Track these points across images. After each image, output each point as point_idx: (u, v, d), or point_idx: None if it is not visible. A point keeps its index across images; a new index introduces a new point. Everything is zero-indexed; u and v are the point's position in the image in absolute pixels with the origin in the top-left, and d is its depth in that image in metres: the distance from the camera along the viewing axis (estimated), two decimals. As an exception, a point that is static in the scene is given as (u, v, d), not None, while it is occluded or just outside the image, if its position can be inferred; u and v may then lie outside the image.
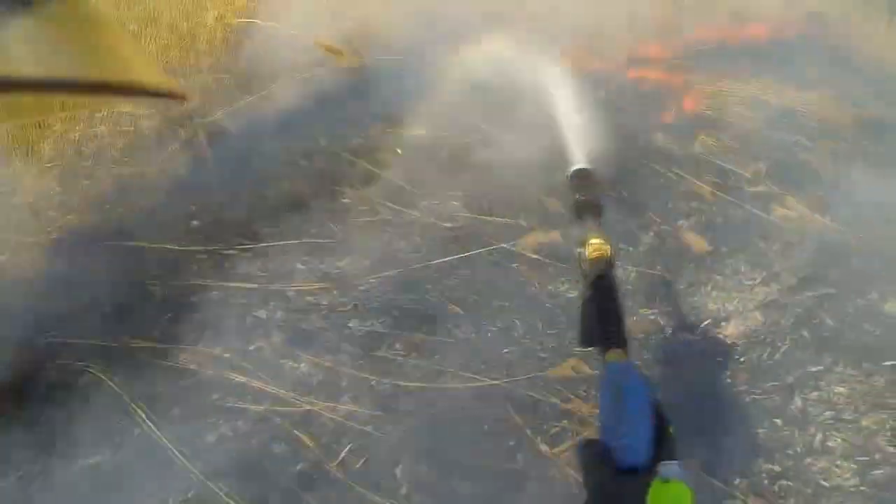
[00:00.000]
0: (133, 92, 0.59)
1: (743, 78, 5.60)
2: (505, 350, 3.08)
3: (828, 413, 3.05)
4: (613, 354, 1.32)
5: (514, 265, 3.45)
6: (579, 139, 1.79)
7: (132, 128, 4.25)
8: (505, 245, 3.54)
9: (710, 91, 5.30)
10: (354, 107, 4.41)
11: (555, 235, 3.60)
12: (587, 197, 1.64)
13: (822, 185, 4.58)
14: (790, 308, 3.47)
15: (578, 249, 1.57)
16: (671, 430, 1.19)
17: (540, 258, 3.49)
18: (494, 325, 3.17)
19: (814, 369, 3.19)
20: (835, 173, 4.73)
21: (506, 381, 2.94)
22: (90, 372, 2.98)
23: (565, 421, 2.82)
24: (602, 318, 1.38)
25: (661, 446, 1.15)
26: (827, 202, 4.43)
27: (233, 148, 4.11)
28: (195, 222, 3.70)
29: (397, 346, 3.11)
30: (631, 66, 5.29)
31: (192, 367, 3.04)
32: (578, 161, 1.73)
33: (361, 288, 3.33)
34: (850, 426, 3.01)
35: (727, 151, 4.65)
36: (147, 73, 0.59)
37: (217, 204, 3.77)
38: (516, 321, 3.18)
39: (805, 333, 3.35)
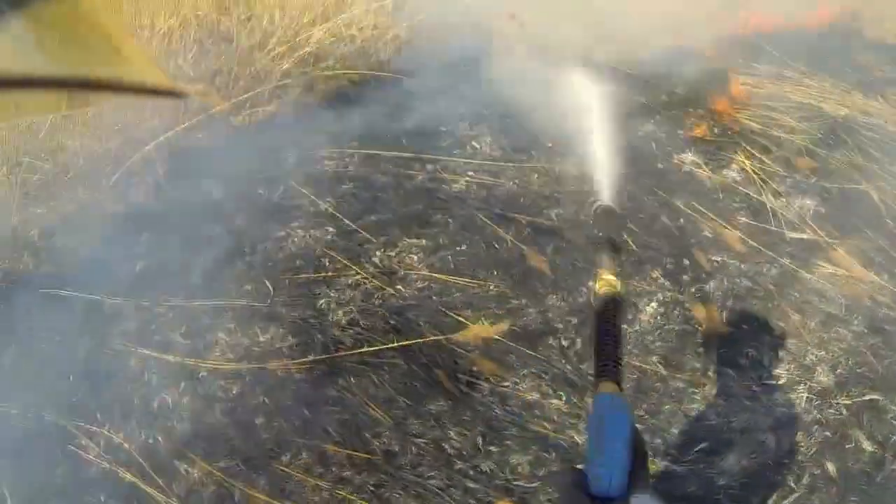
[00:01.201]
0: (133, 89, 0.59)
1: (795, 78, 4.81)
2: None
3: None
4: (605, 386, 1.35)
5: (468, 353, 2.79)
6: (609, 176, 1.76)
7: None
8: (454, 336, 2.86)
9: (755, 93, 4.51)
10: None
11: (526, 306, 2.93)
12: (607, 234, 1.64)
13: (882, 229, 3.81)
14: (819, 426, 2.76)
15: (591, 283, 1.68)
16: (648, 461, 1.25)
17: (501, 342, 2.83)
18: (423, 438, 2.52)
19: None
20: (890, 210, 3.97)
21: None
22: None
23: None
24: (600, 349, 1.41)
25: (637, 477, 1.18)
26: (885, 252, 3.68)
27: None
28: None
29: (302, 455, 2.50)
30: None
31: (92, 456, 2.50)
32: (605, 198, 1.73)
33: (278, 374, 2.72)
34: None
35: (770, 177, 3.89)
36: (146, 70, 0.60)
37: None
38: (451, 430, 2.53)
39: (829, 467, 2.65)
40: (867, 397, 2.90)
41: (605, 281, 1.54)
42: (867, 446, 2.75)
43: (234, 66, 4.02)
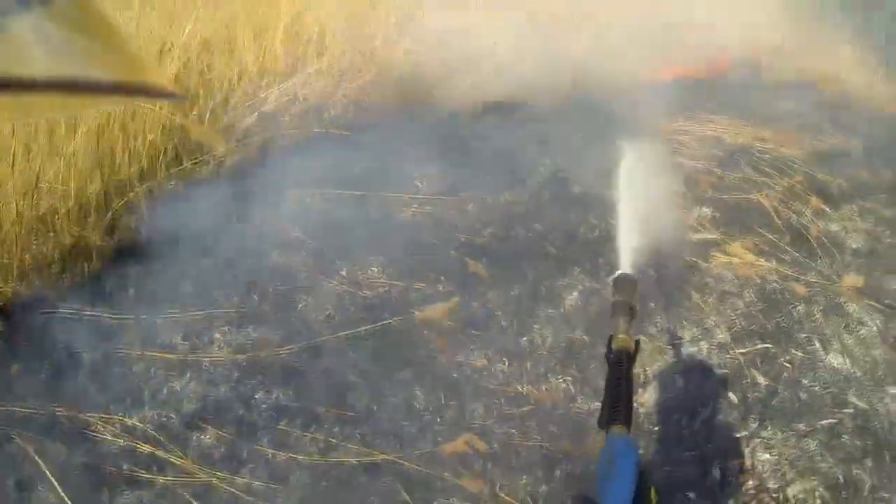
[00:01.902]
0: (135, 91, 0.61)
1: (703, 117, 5.65)
2: (403, 423, 3.02)
3: (750, 483, 2.98)
4: (617, 428, 1.63)
5: (425, 332, 3.40)
6: (632, 244, 2.07)
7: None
8: (418, 312, 3.48)
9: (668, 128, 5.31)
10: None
11: (469, 301, 3.57)
12: (625, 300, 1.93)
13: (771, 226, 4.56)
14: (718, 369, 3.40)
15: (608, 342, 1.87)
16: (653, 493, 1.51)
17: (452, 324, 3.45)
18: (396, 397, 3.11)
19: (737, 435, 3.12)
20: (786, 211, 4.72)
21: (397, 456, 2.88)
22: (15, 440, 2.94)
23: (454, 498, 2.76)
24: (611, 396, 1.70)
25: None
26: (775, 244, 4.41)
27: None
28: (131, 290, 3.70)
29: (298, 419, 3.07)
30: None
31: (108, 436, 3.01)
32: (624, 267, 2.01)
33: (270, 360, 3.31)
34: (773, 496, 2.94)
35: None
36: (148, 72, 0.61)
37: (148, 271, 3.77)
38: (418, 392, 3.13)
39: (732, 396, 3.29)
40: (759, 346, 3.57)
41: (620, 339, 1.82)
42: (762, 380, 3.40)
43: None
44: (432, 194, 4.36)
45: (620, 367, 1.77)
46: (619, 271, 2.03)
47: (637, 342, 1.87)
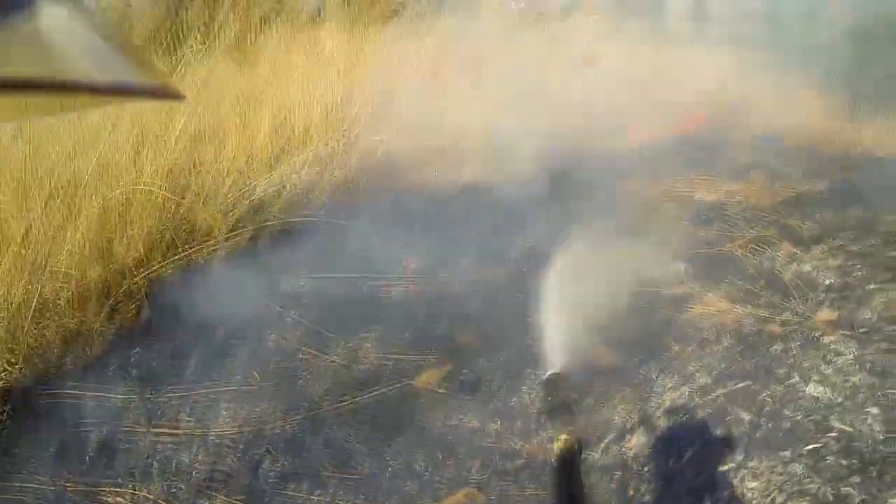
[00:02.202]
0: (135, 92, 0.61)
1: (672, 176, 6.00)
2: (405, 482, 3.23)
3: (741, 512, 3.17)
4: None
5: (421, 399, 3.63)
6: (558, 343, 2.05)
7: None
8: (412, 381, 3.72)
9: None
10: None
11: (460, 368, 3.80)
12: (559, 400, 1.91)
13: (744, 274, 4.83)
14: (701, 408, 3.62)
15: (550, 445, 1.83)
16: None
17: (445, 391, 3.68)
18: (396, 460, 3.32)
19: (724, 468, 3.32)
20: (758, 259, 5.01)
21: (404, 514, 3.09)
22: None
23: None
24: (564, 501, 1.68)
25: None
26: (748, 291, 4.67)
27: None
28: (134, 371, 3.93)
29: (304, 483, 3.27)
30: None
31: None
32: (553, 366, 1.99)
33: (276, 431, 3.53)
34: (765, 521, 3.13)
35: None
36: (148, 73, 0.61)
37: (150, 354, 4.00)
38: (417, 454, 3.34)
39: (717, 433, 3.49)
40: (740, 385, 3.79)
41: (562, 440, 1.75)
42: (745, 416, 3.61)
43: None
44: (418, 273, 4.63)
45: (568, 470, 1.72)
46: (549, 372, 2.01)
47: (579, 440, 1.81)
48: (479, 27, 7.75)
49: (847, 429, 3.60)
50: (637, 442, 3.44)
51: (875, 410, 3.75)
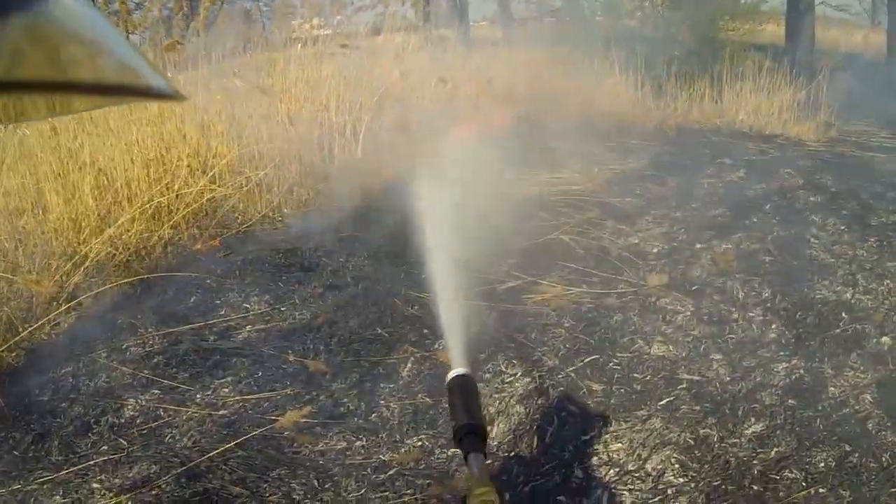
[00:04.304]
0: (134, 92, 0.62)
1: (487, 175, 6.32)
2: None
3: (611, 472, 3.42)
4: None
5: (287, 433, 3.71)
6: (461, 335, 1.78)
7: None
8: (275, 418, 3.79)
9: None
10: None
11: (317, 396, 3.91)
12: (467, 419, 1.54)
13: (574, 257, 5.19)
14: (553, 389, 3.87)
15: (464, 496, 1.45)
16: None
17: (310, 422, 3.77)
18: (276, 494, 3.38)
19: (586, 437, 3.57)
20: (586, 241, 5.38)
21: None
22: None
23: None
24: None
25: None
26: (580, 272, 5.02)
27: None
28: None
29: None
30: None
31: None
32: (458, 364, 1.67)
33: (154, 493, 3.53)
34: (636, 475, 3.38)
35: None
36: (148, 73, 0.61)
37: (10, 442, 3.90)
38: (294, 485, 3.41)
39: (572, 407, 3.75)
40: (587, 359, 4.07)
41: (479, 496, 1.40)
42: (596, 387, 3.87)
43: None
44: (261, 314, 4.71)
45: None
46: (453, 373, 1.66)
47: (501, 494, 1.44)
48: (290, 57, 7.96)
49: (696, 378, 3.94)
50: (498, 431, 3.64)
51: (719, 356, 4.11)
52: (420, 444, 3.61)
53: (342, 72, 7.68)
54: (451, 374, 1.64)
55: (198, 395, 4.03)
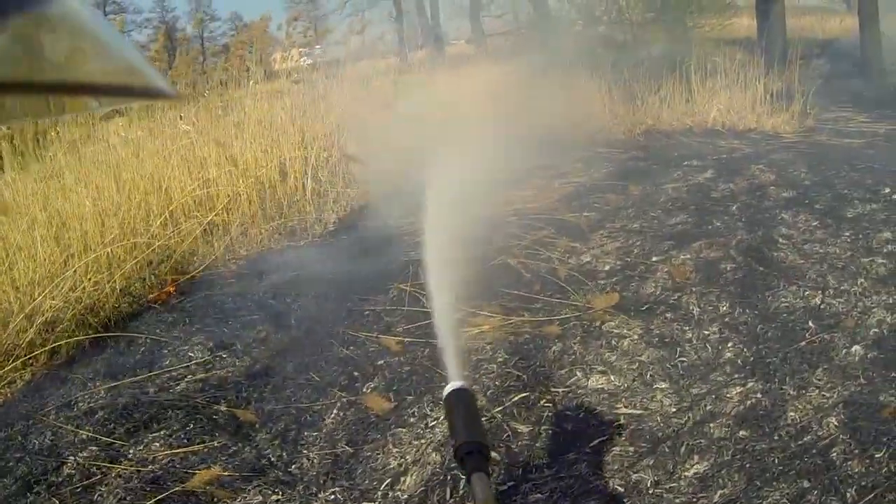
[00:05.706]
0: (130, 93, 0.62)
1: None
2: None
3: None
4: None
5: (207, 488, 3.45)
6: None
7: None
8: (199, 472, 3.54)
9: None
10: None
11: (243, 447, 3.66)
12: (469, 437, 1.37)
13: (519, 282, 4.85)
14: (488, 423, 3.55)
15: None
16: None
17: (232, 476, 3.51)
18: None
19: (504, 488, 3.24)
20: (534, 263, 5.05)
21: None
22: None
23: None
24: None
25: None
26: (524, 298, 4.69)
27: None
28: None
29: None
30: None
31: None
32: (454, 377, 1.48)
33: None
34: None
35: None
36: (144, 73, 0.61)
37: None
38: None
39: (494, 455, 3.42)
40: (516, 398, 3.74)
41: None
42: (523, 429, 3.55)
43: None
44: (202, 364, 4.46)
45: None
46: (450, 386, 1.46)
47: None
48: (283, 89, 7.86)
49: (636, 412, 3.61)
50: (410, 483, 3.33)
51: (664, 385, 3.79)
52: (333, 497, 3.31)
53: (297, 105, 7.48)
54: (449, 389, 1.46)
55: (130, 451, 3.83)
